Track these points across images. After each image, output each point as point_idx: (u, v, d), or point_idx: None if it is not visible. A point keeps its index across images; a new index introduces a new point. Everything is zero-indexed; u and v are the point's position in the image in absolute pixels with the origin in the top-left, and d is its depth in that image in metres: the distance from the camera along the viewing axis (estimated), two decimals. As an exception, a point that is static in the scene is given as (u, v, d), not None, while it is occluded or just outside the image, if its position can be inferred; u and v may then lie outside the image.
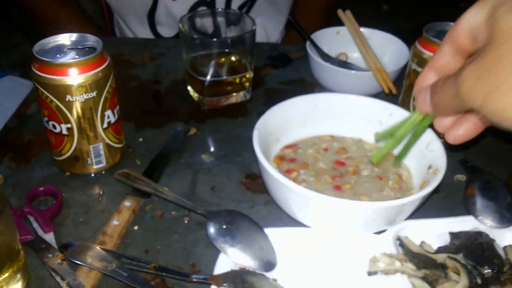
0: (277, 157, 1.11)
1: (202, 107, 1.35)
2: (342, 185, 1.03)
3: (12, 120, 1.29)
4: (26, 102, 1.35)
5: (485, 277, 0.87)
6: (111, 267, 0.88)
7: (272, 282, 0.88)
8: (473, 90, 0.62)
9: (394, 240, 0.94)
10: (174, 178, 1.13)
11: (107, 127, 1.07)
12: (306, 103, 1.12)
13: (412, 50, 1.17)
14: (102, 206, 1.05)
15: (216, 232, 0.93)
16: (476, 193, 1.02)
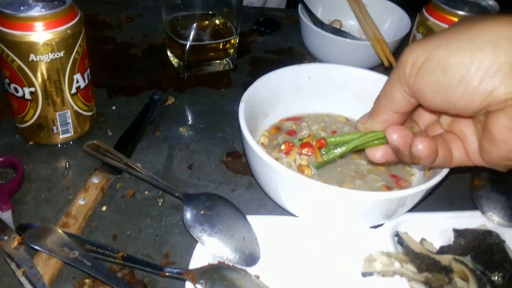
0: (272, 127, 1.03)
1: (182, 74, 1.25)
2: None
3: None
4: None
5: (495, 284, 0.79)
6: (74, 254, 0.79)
7: (255, 280, 0.80)
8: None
9: (392, 236, 0.85)
10: (149, 153, 1.04)
11: (76, 92, 0.98)
12: (299, 74, 1.03)
13: (417, 19, 1.08)
14: (67, 182, 0.96)
15: (193, 218, 0.84)
16: (484, 184, 0.93)
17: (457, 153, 0.77)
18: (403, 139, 0.74)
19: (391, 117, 0.76)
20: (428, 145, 0.73)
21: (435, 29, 1.03)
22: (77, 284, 0.80)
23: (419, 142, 0.73)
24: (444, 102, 0.68)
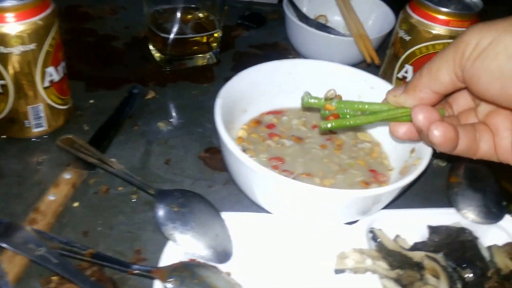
0: (252, 120, 1.00)
1: (164, 68, 1.22)
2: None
3: None
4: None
5: (466, 281, 0.77)
6: (40, 251, 0.76)
7: (226, 277, 0.77)
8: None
9: (366, 233, 0.83)
10: (125, 148, 1.01)
11: (49, 86, 0.95)
12: (278, 69, 1.00)
13: (401, 16, 1.06)
14: (39, 178, 0.93)
15: (165, 216, 0.82)
16: (460, 182, 0.92)
17: (484, 146, 0.73)
18: (429, 121, 0.69)
19: (428, 96, 0.72)
20: (444, 133, 0.69)
21: (419, 26, 1.01)
22: (44, 282, 0.77)
23: (435, 127, 0.69)
24: (501, 91, 0.63)
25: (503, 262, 0.79)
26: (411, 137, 0.76)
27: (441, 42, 1.00)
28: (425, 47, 1.01)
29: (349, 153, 0.95)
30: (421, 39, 1.02)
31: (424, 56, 1.01)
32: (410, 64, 1.05)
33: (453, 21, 0.98)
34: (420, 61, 1.03)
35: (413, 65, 1.04)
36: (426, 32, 1.00)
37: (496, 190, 0.91)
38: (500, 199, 0.90)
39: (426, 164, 0.83)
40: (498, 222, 0.87)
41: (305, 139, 0.96)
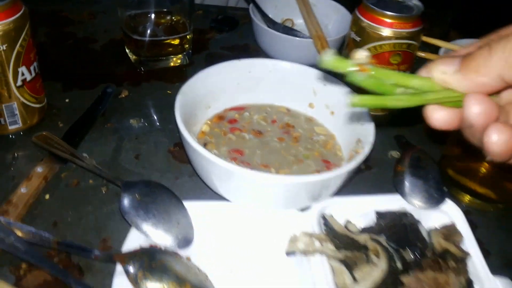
0: (215, 116, 1.01)
1: (139, 68, 1.22)
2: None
3: None
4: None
5: (406, 261, 0.78)
6: (9, 240, 0.77)
7: (185, 261, 0.78)
8: None
9: (318, 218, 0.84)
10: (97, 144, 1.02)
11: (22, 85, 0.95)
12: (239, 68, 1.01)
13: (352, 19, 1.07)
14: (12, 172, 0.94)
15: (129, 204, 0.82)
16: (406, 170, 0.93)
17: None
18: (487, 118, 0.54)
19: (492, 84, 0.53)
20: (506, 141, 0.52)
21: (367, 28, 1.02)
22: (14, 269, 0.78)
23: (495, 131, 0.53)
24: None
25: (438, 242, 0.81)
26: (448, 127, 0.58)
27: (387, 42, 1.01)
28: (374, 47, 1.02)
29: (305, 145, 0.96)
30: (370, 39, 1.03)
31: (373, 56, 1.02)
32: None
33: (396, 23, 1.00)
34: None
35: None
36: (374, 34, 1.02)
37: (438, 178, 0.92)
38: (441, 185, 0.91)
39: (367, 153, 0.84)
40: (439, 206, 0.89)
41: (264, 133, 0.97)
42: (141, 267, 0.74)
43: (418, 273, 0.75)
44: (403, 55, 1.02)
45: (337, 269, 0.77)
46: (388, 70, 0.57)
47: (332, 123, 1.00)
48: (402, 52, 1.02)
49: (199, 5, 1.56)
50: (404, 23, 1.00)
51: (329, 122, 1.00)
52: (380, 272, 0.74)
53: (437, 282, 0.73)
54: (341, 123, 0.96)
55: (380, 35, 1.01)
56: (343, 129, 0.96)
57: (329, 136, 0.99)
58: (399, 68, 1.04)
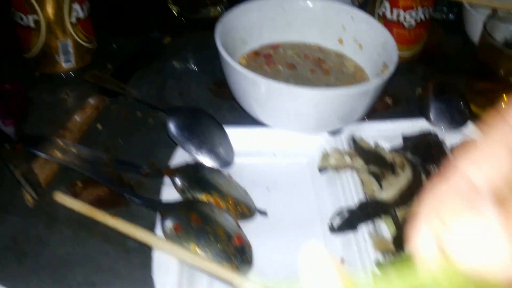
0: (251, 52, 1.04)
1: (180, 18, 1.26)
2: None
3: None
4: None
5: (430, 173, 0.82)
6: (68, 157, 0.82)
7: (226, 176, 0.82)
8: None
9: (348, 140, 0.88)
10: (143, 82, 1.06)
11: (76, 23, 1.00)
12: (273, 5, 1.04)
13: None
14: (68, 106, 0.98)
15: (174, 126, 0.87)
16: (430, 96, 0.96)
17: None
18: None
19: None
20: None
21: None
22: (70, 186, 0.83)
23: None
24: None
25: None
26: None
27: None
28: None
29: (336, 76, 0.99)
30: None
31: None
32: (386, 0, 1.08)
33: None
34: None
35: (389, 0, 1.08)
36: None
37: (461, 102, 0.95)
38: (465, 109, 0.95)
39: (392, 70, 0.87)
40: (462, 128, 0.92)
41: (297, 65, 1.00)
42: (187, 179, 0.79)
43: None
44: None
45: (366, 180, 0.80)
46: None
47: (361, 56, 1.02)
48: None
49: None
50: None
51: (358, 55, 1.03)
52: (406, 180, 0.78)
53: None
54: (369, 55, 0.99)
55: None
56: (371, 60, 0.99)
57: (358, 68, 1.01)
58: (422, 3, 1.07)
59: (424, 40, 1.14)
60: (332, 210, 0.79)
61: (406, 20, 1.08)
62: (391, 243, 0.73)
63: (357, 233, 0.75)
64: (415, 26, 1.10)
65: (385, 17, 1.09)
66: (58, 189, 0.80)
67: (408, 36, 1.11)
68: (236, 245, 0.71)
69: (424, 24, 1.11)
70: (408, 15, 1.08)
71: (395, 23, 1.09)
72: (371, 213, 0.76)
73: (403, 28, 1.09)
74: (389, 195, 0.77)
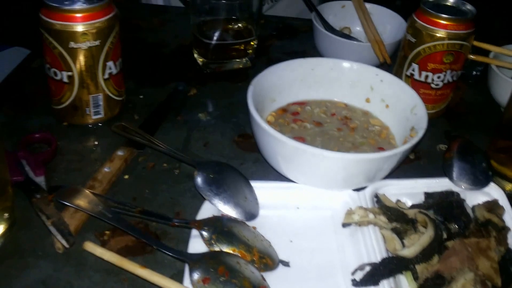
0: (279, 109, 1.11)
1: (205, 70, 1.33)
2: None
3: (14, 73, 1.29)
4: (30, 57, 1.34)
5: (451, 232, 0.87)
6: (97, 208, 0.87)
7: (251, 229, 0.88)
8: None
9: (371, 197, 0.94)
10: (169, 133, 1.13)
11: (108, 78, 1.07)
12: (303, 66, 1.12)
13: (408, 22, 1.17)
14: (95, 156, 1.05)
15: (202, 180, 0.93)
16: (454, 156, 1.02)
17: None
18: None
19: None
20: None
21: (422, 30, 1.12)
22: (98, 235, 0.89)
23: None
24: None
25: (481, 214, 0.90)
26: None
27: (441, 43, 1.10)
28: (428, 47, 1.12)
29: (361, 134, 1.05)
30: (424, 40, 1.12)
31: (427, 56, 1.13)
32: (416, 63, 1.15)
33: (450, 25, 1.10)
34: (424, 60, 1.14)
35: (419, 63, 1.15)
36: (428, 35, 1.11)
37: (483, 162, 1.01)
38: (487, 169, 1.00)
39: (421, 136, 0.93)
40: (484, 188, 0.98)
41: (324, 123, 1.07)
42: (215, 232, 0.84)
43: (462, 238, 0.83)
44: (455, 55, 1.11)
45: (388, 237, 0.86)
46: None
47: (387, 115, 1.09)
48: (454, 52, 1.11)
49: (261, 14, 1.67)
50: (458, 25, 1.10)
51: (384, 115, 1.09)
52: (428, 238, 0.83)
53: (479, 247, 0.82)
54: (396, 115, 1.06)
55: (434, 35, 1.10)
56: (397, 120, 1.05)
57: (383, 127, 1.08)
58: (451, 67, 1.13)
59: (449, 99, 1.21)
60: (354, 264, 0.84)
61: (434, 82, 1.15)
62: (412, 299, 0.78)
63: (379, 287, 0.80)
64: (442, 87, 1.17)
65: (413, 78, 1.16)
66: (87, 236, 0.87)
67: (434, 95, 1.18)
68: (260, 296, 0.76)
69: (450, 85, 1.18)
70: (436, 77, 1.15)
71: (423, 84, 1.16)
72: (394, 270, 0.81)
73: (430, 89, 1.17)
74: (411, 253, 0.82)
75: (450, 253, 0.82)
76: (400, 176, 1.00)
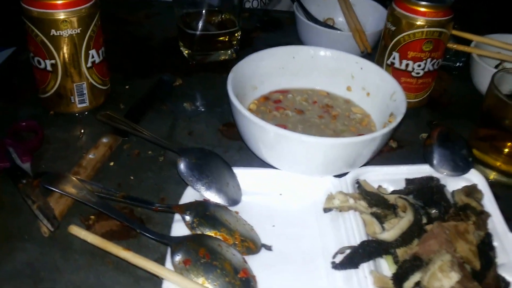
0: (261, 97, 1.13)
1: (191, 61, 1.35)
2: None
3: (2, 66, 1.32)
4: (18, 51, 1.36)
5: (431, 216, 0.89)
6: (82, 193, 0.89)
7: (233, 213, 0.90)
8: None
9: (353, 183, 0.95)
10: (155, 122, 1.14)
11: (91, 66, 1.09)
12: (283, 54, 1.14)
13: (388, 11, 1.19)
14: (81, 143, 1.07)
15: (185, 166, 0.94)
16: (434, 143, 1.03)
17: None
18: None
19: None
20: None
21: (401, 18, 1.14)
22: (83, 219, 0.90)
23: None
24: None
25: (459, 198, 0.91)
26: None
27: (420, 30, 1.12)
28: (407, 36, 1.14)
29: (343, 122, 1.07)
30: (404, 29, 1.14)
31: (407, 44, 1.14)
32: (396, 51, 1.17)
33: (429, 12, 1.11)
34: (404, 48, 1.16)
35: (399, 52, 1.17)
36: (407, 23, 1.13)
37: (464, 149, 1.03)
38: (467, 156, 1.02)
39: (399, 121, 0.94)
40: (465, 174, 0.99)
41: (305, 111, 1.09)
42: (196, 215, 0.86)
43: (440, 222, 0.85)
44: (434, 43, 1.13)
45: (368, 221, 0.88)
46: None
47: (368, 103, 1.11)
48: (434, 40, 1.13)
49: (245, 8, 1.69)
50: (436, 12, 1.11)
51: (365, 103, 1.11)
52: (407, 222, 0.85)
53: (458, 230, 0.83)
54: (377, 103, 1.08)
55: (413, 23, 1.12)
56: (378, 108, 1.07)
57: (365, 115, 1.10)
58: (431, 55, 1.15)
59: (430, 88, 1.23)
60: (335, 248, 0.86)
61: (415, 70, 1.17)
62: (390, 280, 0.79)
63: (358, 269, 0.82)
64: (423, 75, 1.18)
65: (394, 67, 1.18)
66: (72, 221, 0.89)
67: (415, 84, 1.20)
68: (242, 278, 0.78)
69: (432, 73, 1.20)
70: (417, 65, 1.17)
71: (403, 72, 1.18)
72: (373, 252, 0.83)
73: (411, 77, 1.18)
74: (391, 236, 0.84)
75: (429, 236, 0.84)
76: (383, 164, 1.02)
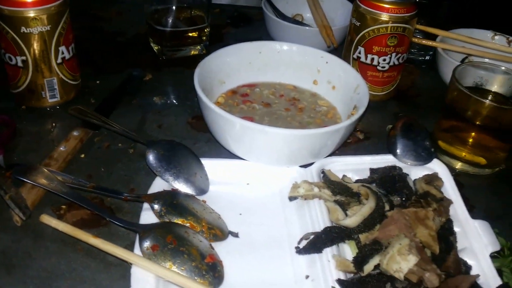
0: (229, 91, 1.15)
1: (161, 57, 1.38)
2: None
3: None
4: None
5: (393, 203, 0.92)
6: (53, 184, 0.91)
7: (201, 203, 0.93)
8: None
9: (318, 173, 0.99)
10: (125, 116, 1.17)
11: (61, 62, 1.11)
12: (250, 49, 1.17)
13: (352, 7, 1.23)
14: (52, 137, 1.09)
15: (153, 157, 0.97)
16: (397, 134, 1.07)
17: None
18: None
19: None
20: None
21: (366, 13, 1.18)
22: (55, 209, 0.93)
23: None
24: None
25: (420, 186, 0.95)
26: None
27: (384, 26, 1.16)
28: (372, 31, 1.17)
29: (309, 114, 1.10)
30: (368, 24, 1.18)
31: (372, 39, 1.18)
32: (361, 46, 1.21)
33: (392, 9, 1.15)
34: (369, 43, 1.19)
35: (364, 46, 1.20)
36: (372, 19, 1.17)
37: (427, 140, 1.07)
38: (430, 147, 1.06)
39: (361, 113, 0.98)
40: (428, 164, 1.03)
41: (272, 104, 1.12)
42: (164, 204, 0.89)
43: (400, 208, 0.89)
44: (399, 38, 1.17)
45: (332, 208, 0.91)
46: None
47: (334, 96, 1.14)
48: (398, 35, 1.16)
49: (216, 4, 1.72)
50: (400, 8, 1.15)
51: (331, 96, 1.15)
52: (369, 209, 0.88)
53: (417, 216, 0.87)
54: (342, 96, 1.11)
55: (377, 19, 1.16)
56: (343, 101, 1.11)
57: (330, 107, 1.13)
58: (396, 50, 1.18)
59: (396, 81, 1.26)
60: (300, 235, 0.89)
61: (380, 64, 1.21)
62: (351, 264, 0.83)
63: (322, 254, 0.85)
64: (388, 69, 1.22)
65: (360, 61, 1.22)
66: (44, 211, 0.91)
67: (381, 78, 1.23)
68: (208, 263, 0.81)
69: (397, 67, 1.23)
70: (382, 60, 1.20)
71: (369, 66, 1.22)
72: (335, 238, 0.86)
73: (377, 71, 1.22)
74: (353, 222, 0.88)
75: (388, 222, 0.87)
76: (350, 154, 1.06)
